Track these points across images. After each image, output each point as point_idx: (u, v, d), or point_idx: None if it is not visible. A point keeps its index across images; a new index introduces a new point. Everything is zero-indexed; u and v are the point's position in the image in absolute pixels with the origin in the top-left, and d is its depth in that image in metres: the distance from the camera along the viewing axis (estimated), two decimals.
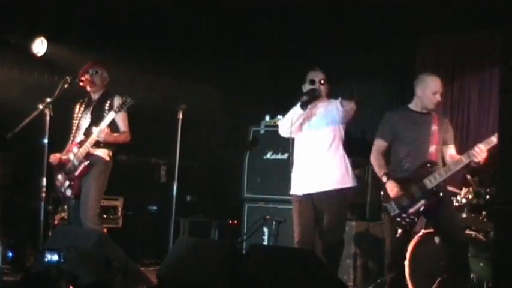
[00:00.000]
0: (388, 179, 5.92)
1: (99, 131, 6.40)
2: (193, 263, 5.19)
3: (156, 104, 8.59)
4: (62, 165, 6.57)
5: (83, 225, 6.38)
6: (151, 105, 8.53)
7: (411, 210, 5.82)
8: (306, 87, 6.12)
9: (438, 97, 5.93)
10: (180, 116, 6.79)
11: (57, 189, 6.65)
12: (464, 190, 6.87)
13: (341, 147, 6.10)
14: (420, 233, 6.75)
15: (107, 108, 6.51)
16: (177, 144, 6.79)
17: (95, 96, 6.66)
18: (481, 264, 6.43)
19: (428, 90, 5.91)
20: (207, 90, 9.00)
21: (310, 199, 6.00)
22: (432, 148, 5.88)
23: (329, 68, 6.20)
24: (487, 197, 6.71)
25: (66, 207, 7.14)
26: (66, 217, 7.68)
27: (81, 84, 6.57)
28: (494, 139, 5.69)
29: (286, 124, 6.06)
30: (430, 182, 5.80)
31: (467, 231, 6.75)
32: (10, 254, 7.67)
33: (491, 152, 5.84)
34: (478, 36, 7.85)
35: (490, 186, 6.71)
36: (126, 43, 8.30)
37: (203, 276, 4.98)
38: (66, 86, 6.51)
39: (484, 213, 6.70)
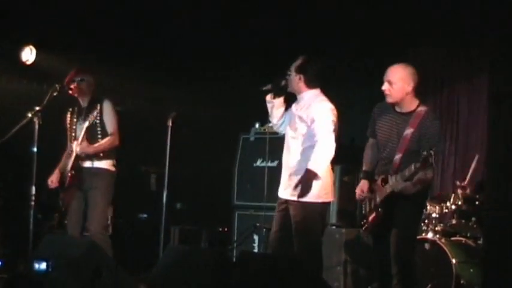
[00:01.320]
0: (362, 178, 5.74)
1: (75, 145, 6.45)
2: (184, 271, 5.18)
3: (145, 111, 8.58)
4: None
5: (90, 236, 6.41)
6: (141, 113, 8.52)
7: (369, 218, 5.67)
8: None
9: (383, 87, 5.48)
10: (170, 123, 6.78)
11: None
12: (453, 196, 6.89)
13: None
14: None
15: (95, 114, 6.48)
16: (167, 152, 6.78)
17: (84, 104, 6.66)
18: (471, 270, 6.46)
19: None
20: (197, 98, 8.98)
21: (285, 203, 5.84)
22: (397, 156, 5.40)
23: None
24: (476, 202, 6.74)
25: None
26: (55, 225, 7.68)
27: (70, 92, 6.57)
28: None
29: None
30: (380, 195, 5.54)
31: (457, 237, 6.79)
32: (0, 263, 7.65)
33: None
34: (466, 44, 7.89)
35: (479, 192, 6.73)
36: (116, 51, 8.30)
37: (193, 284, 4.98)
38: (55, 94, 6.49)
39: (473, 219, 6.73)
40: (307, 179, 5.58)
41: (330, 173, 5.84)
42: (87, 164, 6.54)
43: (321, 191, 5.70)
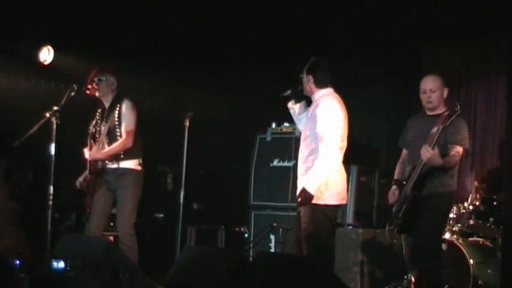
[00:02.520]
0: (393, 185, 6.06)
1: (86, 151, 6.53)
2: (200, 271, 5.19)
3: (162, 111, 8.60)
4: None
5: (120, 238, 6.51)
6: (158, 113, 8.55)
7: (400, 215, 5.90)
8: None
9: (427, 95, 5.89)
10: (187, 123, 6.78)
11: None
12: (471, 196, 6.87)
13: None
14: None
15: (116, 114, 6.52)
16: (184, 152, 6.79)
17: (107, 104, 6.68)
18: (489, 271, 6.43)
19: (420, 92, 5.97)
20: (214, 98, 9.00)
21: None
22: None
23: (334, 79, 6.10)
24: (494, 203, 6.70)
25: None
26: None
27: (87, 92, 6.58)
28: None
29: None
30: (408, 186, 5.84)
31: (475, 238, 6.76)
32: (17, 262, 7.69)
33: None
34: (483, 43, 7.85)
35: (498, 193, 6.70)
36: (133, 51, 8.32)
37: (210, 284, 4.98)
38: (72, 94, 6.51)
39: (491, 219, 6.69)
40: (304, 197, 5.67)
41: (341, 174, 5.83)
42: (113, 165, 6.57)
43: (326, 194, 5.70)
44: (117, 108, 6.55)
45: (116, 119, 6.53)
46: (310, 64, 5.90)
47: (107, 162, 6.57)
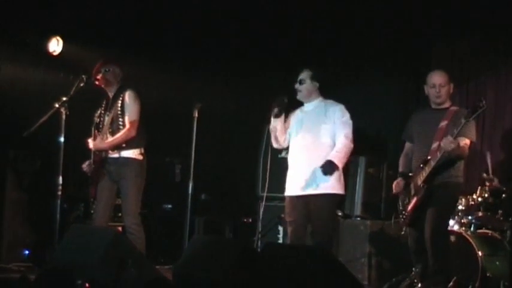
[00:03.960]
0: (398, 177, 6.15)
1: (90, 141, 6.55)
2: (208, 261, 5.19)
3: (171, 102, 8.60)
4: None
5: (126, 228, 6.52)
6: (167, 104, 8.54)
7: (408, 207, 5.99)
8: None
9: (437, 90, 5.99)
10: (196, 114, 6.79)
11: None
12: (480, 188, 6.85)
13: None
14: None
15: (119, 105, 6.52)
16: (192, 143, 6.79)
17: (111, 95, 6.67)
18: (497, 263, 6.41)
19: (428, 86, 6.06)
20: (223, 89, 8.99)
21: (303, 200, 6.16)
22: (435, 144, 5.84)
23: (344, 70, 6.19)
24: (503, 195, 6.69)
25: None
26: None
27: (96, 83, 6.59)
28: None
29: (273, 139, 6.38)
30: (419, 179, 5.90)
31: (484, 230, 6.74)
32: (26, 252, 7.73)
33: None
34: (493, 36, 7.81)
35: (507, 185, 6.68)
36: (142, 42, 8.32)
37: (218, 274, 4.98)
38: (81, 84, 6.53)
39: (500, 211, 6.68)
40: (330, 167, 6.04)
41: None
42: (115, 154, 6.55)
43: (340, 184, 6.22)
44: (120, 99, 6.55)
45: (119, 109, 6.52)
46: (316, 72, 6.32)
47: (109, 152, 6.55)
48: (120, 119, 6.54)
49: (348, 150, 6.13)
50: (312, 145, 6.19)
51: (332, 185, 6.09)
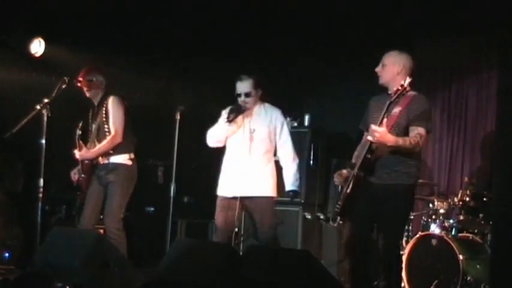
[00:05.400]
0: (346, 166, 5.77)
1: (76, 152, 6.58)
2: (191, 264, 5.19)
3: (153, 105, 8.58)
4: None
5: (107, 231, 6.51)
6: (149, 106, 8.52)
7: (341, 197, 5.64)
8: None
9: (377, 68, 5.66)
10: (178, 117, 6.78)
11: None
12: (461, 192, 6.88)
13: (273, 157, 6.39)
14: (417, 235, 6.77)
15: (103, 112, 6.55)
16: (175, 145, 6.78)
17: (96, 102, 6.71)
18: (478, 266, 6.45)
19: None
20: (206, 91, 8.98)
21: (238, 201, 6.26)
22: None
23: (318, 70, 6.09)
24: (484, 199, 6.72)
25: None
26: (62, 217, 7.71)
27: (78, 84, 6.58)
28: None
29: (215, 138, 6.44)
30: (349, 170, 5.63)
31: (465, 233, 6.78)
32: (7, 254, 7.67)
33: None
34: (475, 38, 7.85)
35: (487, 188, 6.72)
36: (124, 44, 8.29)
37: (201, 277, 4.98)
38: (63, 86, 6.50)
39: (481, 215, 6.71)
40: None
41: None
42: (104, 160, 6.58)
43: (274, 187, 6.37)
44: (104, 105, 6.57)
45: (104, 116, 6.55)
46: (260, 79, 6.37)
47: (98, 158, 6.58)
48: (106, 126, 6.56)
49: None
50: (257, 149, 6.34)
51: (270, 187, 6.34)
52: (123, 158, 6.58)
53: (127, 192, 6.62)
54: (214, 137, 6.42)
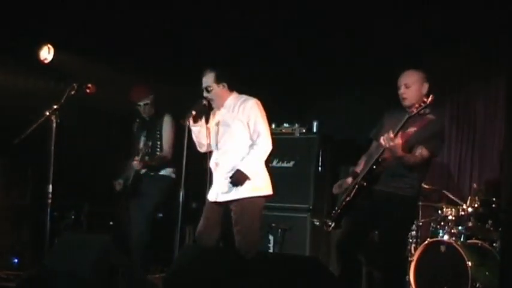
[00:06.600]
0: (349, 175, 5.80)
1: (135, 161, 6.97)
2: (199, 270, 5.18)
3: (164, 111, 8.58)
4: None
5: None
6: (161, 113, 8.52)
7: (339, 205, 5.66)
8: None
9: (401, 91, 5.56)
10: (187, 123, 6.78)
11: None
12: (470, 199, 6.87)
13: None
14: (426, 242, 6.76)
15: (157, 129, 7.00)
16: (184, 152, 6.79)
17: (145, 116, 7.17)
18: (487, 273, 6.44)
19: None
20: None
21: (221, 205, 6.12)
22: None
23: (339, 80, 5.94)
24: (493, 205, 6.71)
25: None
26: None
27: (87, 91, 6.60)
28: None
29: (196, 144, 6.27)
30: (359, 176, 5.60)
31: (473, 240, 6.76)
32: (16, 260, 7.70)
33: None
34: (483, 46, 7.83)
35: (497, 195, 6.70)
36: (135, 51, 8.31)
37: (208, 283, 4.98)
38: (72, 92, 6.53)
39: (490, 222, 6.70)
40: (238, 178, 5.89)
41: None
42: (151, 172, 7.09)
43: (263, 184, 6.16)
44: (158, 124, 7.02)
45: (157, 134, 6.99)
46: (220, 72, 6.02)
47: (144, 170, 7.02)
48: (158, 142, 7.02)
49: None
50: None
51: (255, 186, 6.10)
52: (167, 171, 7.16)
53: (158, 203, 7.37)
54: (196, 143, 6.28)
